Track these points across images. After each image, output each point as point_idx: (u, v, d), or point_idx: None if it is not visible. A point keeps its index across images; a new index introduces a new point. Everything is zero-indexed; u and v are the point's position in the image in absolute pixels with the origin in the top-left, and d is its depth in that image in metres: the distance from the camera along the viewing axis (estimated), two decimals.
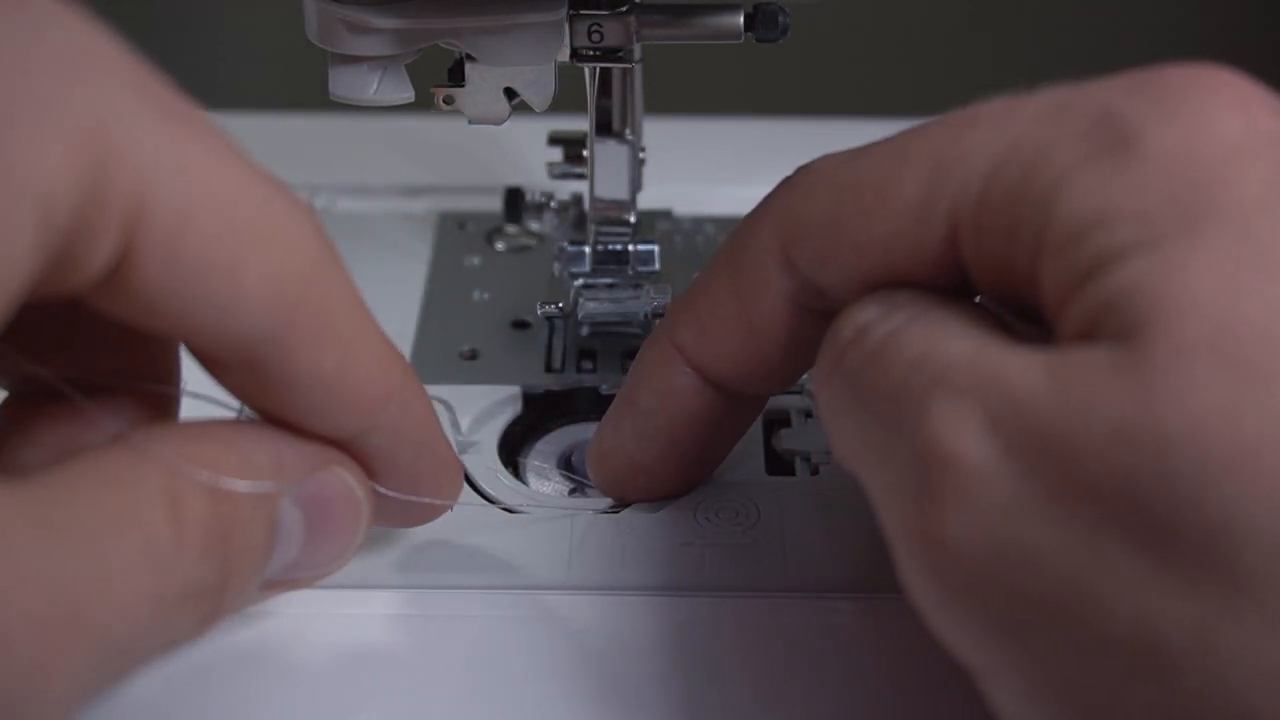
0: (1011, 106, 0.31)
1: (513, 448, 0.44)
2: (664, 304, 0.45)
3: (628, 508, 0.40)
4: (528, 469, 0.43)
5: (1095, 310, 0.28)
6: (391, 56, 0.40)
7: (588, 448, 0.40)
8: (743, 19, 0.41)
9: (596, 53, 0.41)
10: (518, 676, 0.35)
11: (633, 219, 0.47)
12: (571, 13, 0.41)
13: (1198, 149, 0.29)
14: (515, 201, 0.50)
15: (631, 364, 0.39)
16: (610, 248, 0.47)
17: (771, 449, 0.43)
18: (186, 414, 0.34)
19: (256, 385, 0.32)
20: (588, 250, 0.47)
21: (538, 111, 0.41)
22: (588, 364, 0.46)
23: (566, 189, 0.50)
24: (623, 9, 0.41)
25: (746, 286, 0.36)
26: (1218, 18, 1.14)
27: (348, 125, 0.58)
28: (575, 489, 0.42)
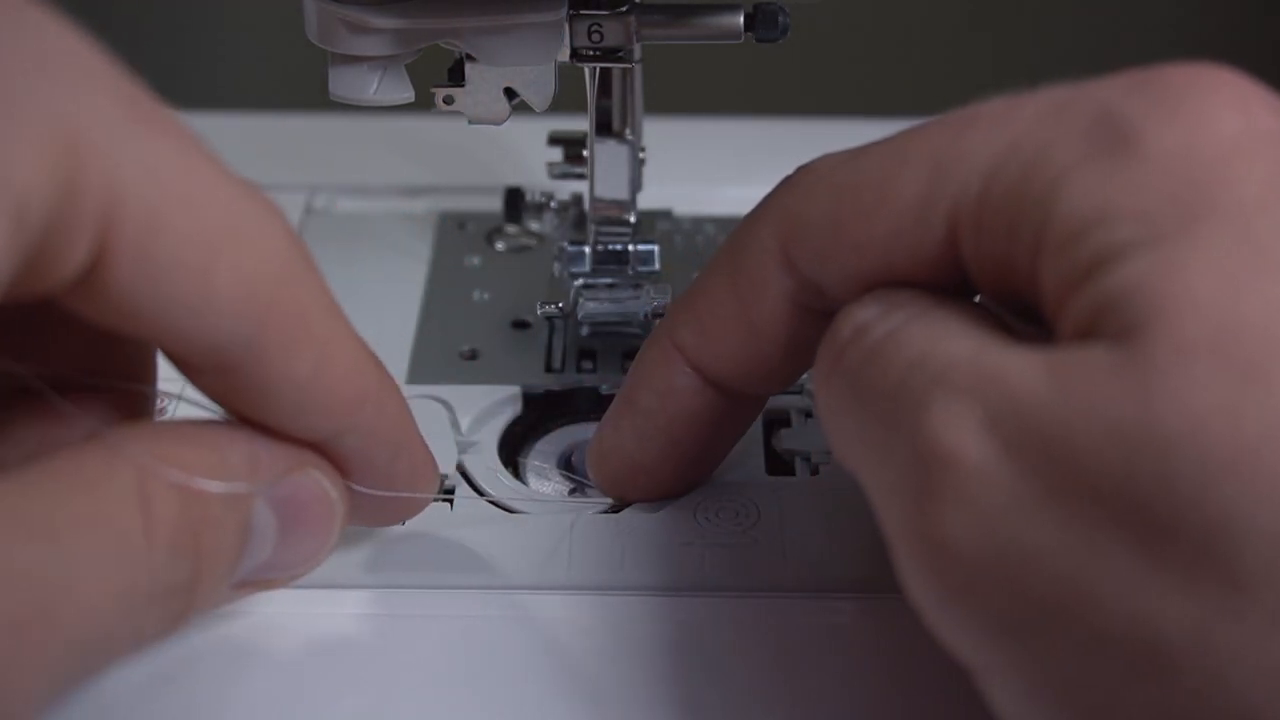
0: (1011, 106, 0.31)
1: (513, 448, 0.44)
2: (664, 304, 0.45)
3: (628, 508, 0.40)
4: (528, 469, 0.43)
5: (1095, 309, 0.28)
6: (391, 56, 0.40)
7: (588, 448, 0.40)
8: (743, 19, 0.41)
9: (596, 53, 0.41)
10: (517, 677, 0.35)
11: (633, 219, 0.47)
12: (571, 13, 0.41)
13: (1198, 148, 0.29)
14: (515, 201, 0.50)
15: (631, 364, 0.39)
16: (610, 248, 0.47)
17: (771, 449, 0.43)
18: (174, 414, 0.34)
19: (231, 388, 0.32)
20: (588, 250, 0.47)
21: (538, 111, 0.41)
22: (588, 364, 0.46)
23: (566, 189, 0.50)
24: (623, 9, 0.41)
25: (746, 286, 0.36)
26: (1218, 18, 1.14)
27: (348, 125, 0.58)
28: (575, 489, 0.42)
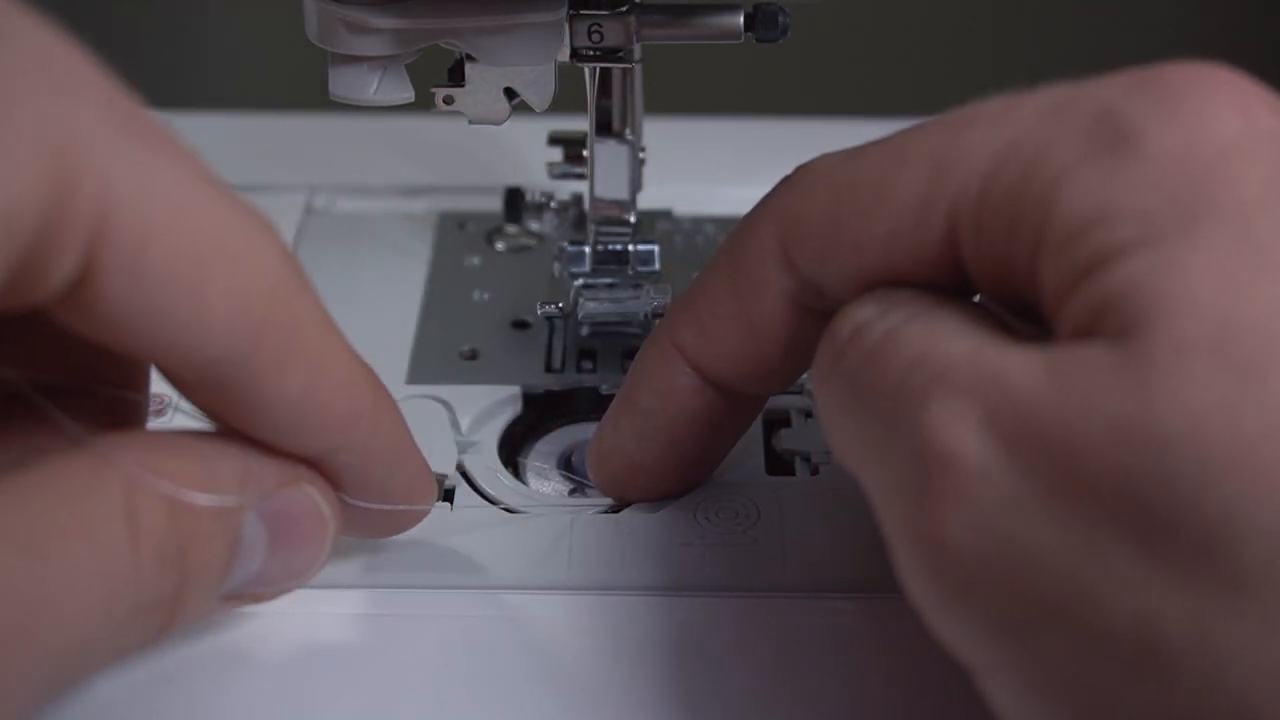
0: (1011, 105, 0.31)
1: (513, 448, 0.44)
2: (664, 304, 0.45)
3: (628, 508, 0.40)
4: (528, 469, 0.43)
5: (1094, 308, 0.28)
6: (391, 56, 0.40)
7: (588, 448, 0.40)
8: (743, 19, 0.41)
9: (596, 53, 0.41)
10: (517, 677, 0.35)
11: (633, 219, 0.47)
12: (571, 13, 0.41)
13: (1198, 148, 0.29)
14: (515, 201, 0.50)
15: (631, 364, 0.39)
16: (610, 248, 0.47)
17: (771, 449, 0.43)
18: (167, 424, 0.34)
19: (223, 403, 0.32)
20: (588, 250, 0.47)
21: (538, 111, 0.41)
22: (588, 364, 0.46)
23: (566, 189, 0.50)
24: (623, 9, 0.41)
25: (746, 286, 0.36)
26: (1218, 18, 1.14)
27: (348, 125, 0.58)
28: (575, 489, 0.42)
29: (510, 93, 0.41)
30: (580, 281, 0.46)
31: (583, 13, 0.41)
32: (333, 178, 0.55)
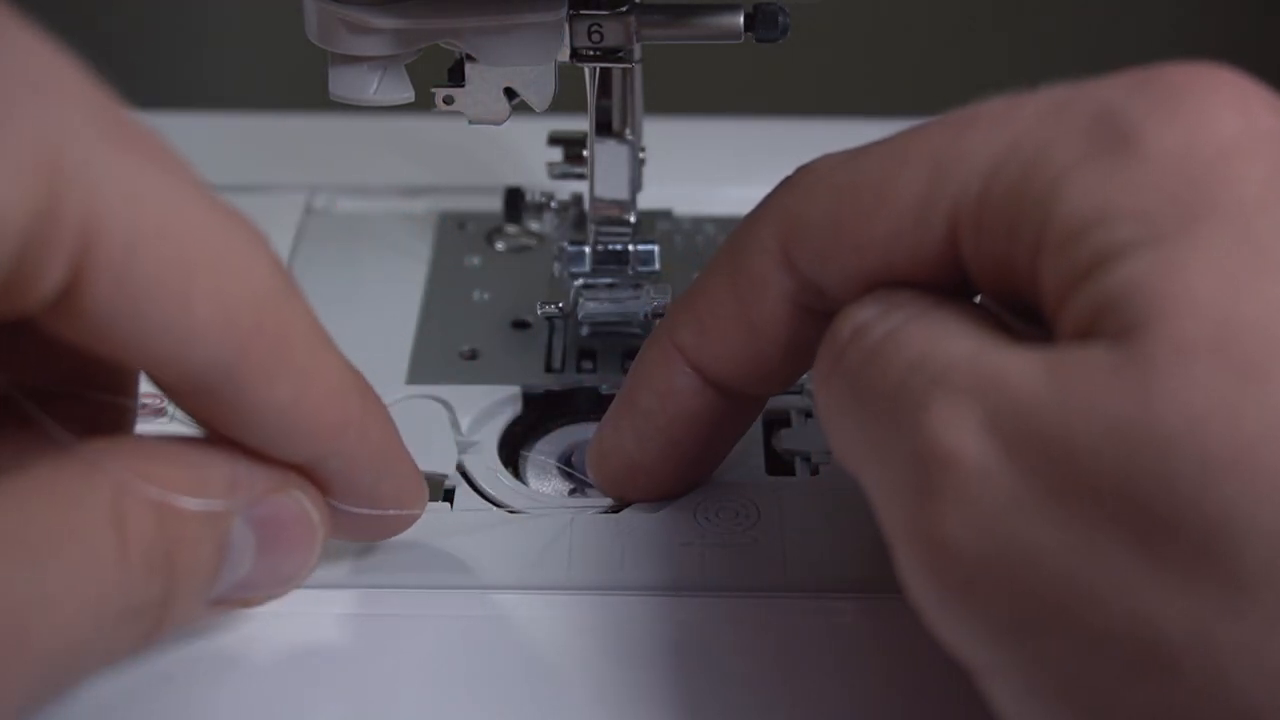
0: (1011, 105, 0.31)
1: (513, 448, 0.44)
2: (664, 304, 0.45)
3: (628, 508, 0.40)
4: (528, 461, 0.43)
5: (1095, 309, 0.28)
6: (391, 56, 0.40)
7: (588, 448, 0.40)
8: (743, 19, 0.41)
9: (596, 53, 0.41)
10: (517, 677, 0.35)
11: (633, 219, 0.47)
12: (571, 13, 0.41)
13: (1198, 148, 0.29)
14: (515, 201, 0.50)
15: (631, 364, 0.39)
16: (610, 248, 0.47)
17: (771, 449, 0.43)
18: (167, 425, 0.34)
19: (212, 410, 0.32)
20: (588, 250, 0.47)
21: (538, 111, 0.41)
22: (588, 364, 0.46)
23: (566, 189, 0.50)
24: (623, 9, 0.41)
25: (746, 287, 0.36)
26: (1218, 18, 1.14)
27: (348, 125, 0.58)
28: (575, 489, 0.42)
29: (510, 93, 0.41)
30: (580, 281, 0.46)
31: (583, 13, 0.41)
32: (333, 178, 0.55)
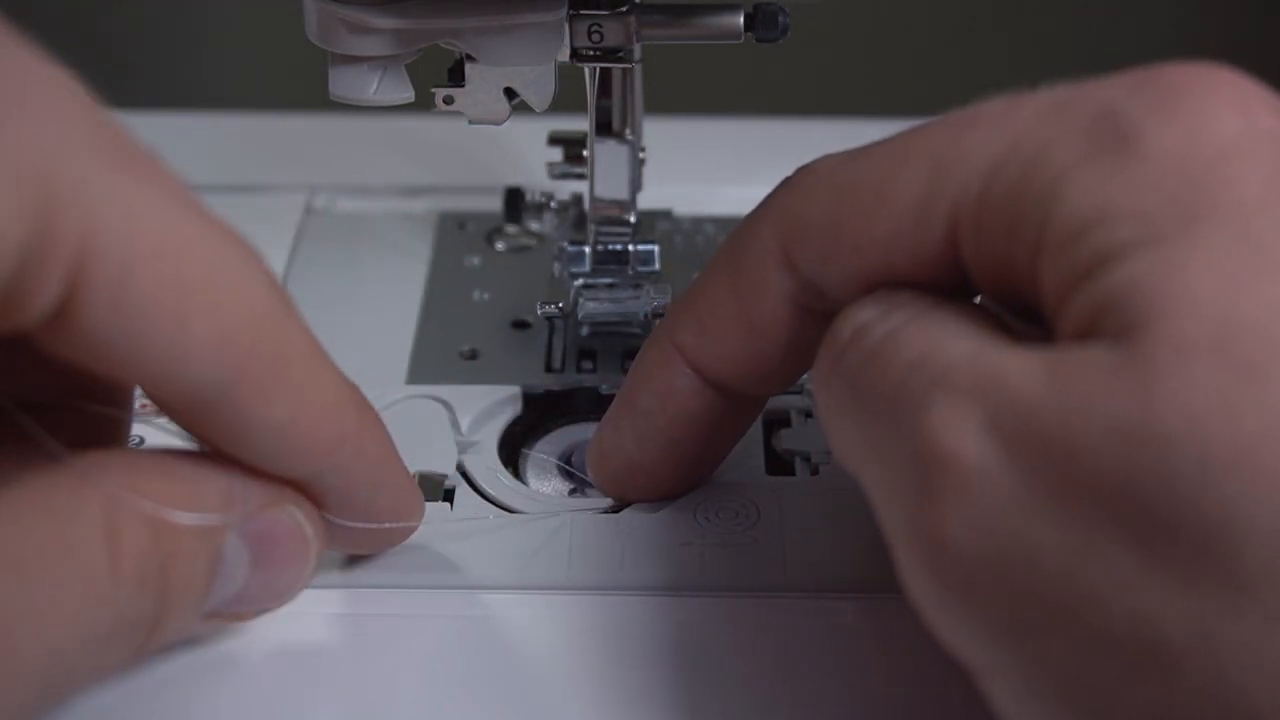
0: (1012, 105, 0.31)
1: (513, 448, 0.44)
2: (664, 304, 0.45)
3: (628, 508, 0.40)
4: (528, 460, 0.43)
5: (1095, 309, 0.28)
6: (391, 56, 0.40)
7: (588, 448, 0.40)
8: (743, 19, 0.41)
9: (596, 53, 0.41)
10: (517, 677, 0.35)
11: (633, 219, 0.47)
12: (571, 13, 0.41)
13: (1198, 148, 0.29)
14: (515, 201, 0.50)
15: (631, 364, 0.39)
16: (610, 248, 0.47)
17: (771, 449, 0.43)
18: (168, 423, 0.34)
19: (208, 427, 0.32)
20: (588, 250, 0.47)
21: (538, 111, 0.41)
22: (588, 364, 0.46)
23: (566, 189, 0.50)
24: (623, 9, 0.41)
25: (746, 287, 0.36)
26: (1218, 18, 1.14)
27: (348, 125, 0.58)
28: (575, 489, 0.42)
29: (510, 93, 0.41)
30: (580, 281, 0.46)
31: (583, 13, 0.41)
32: (333, 178, 0.55)
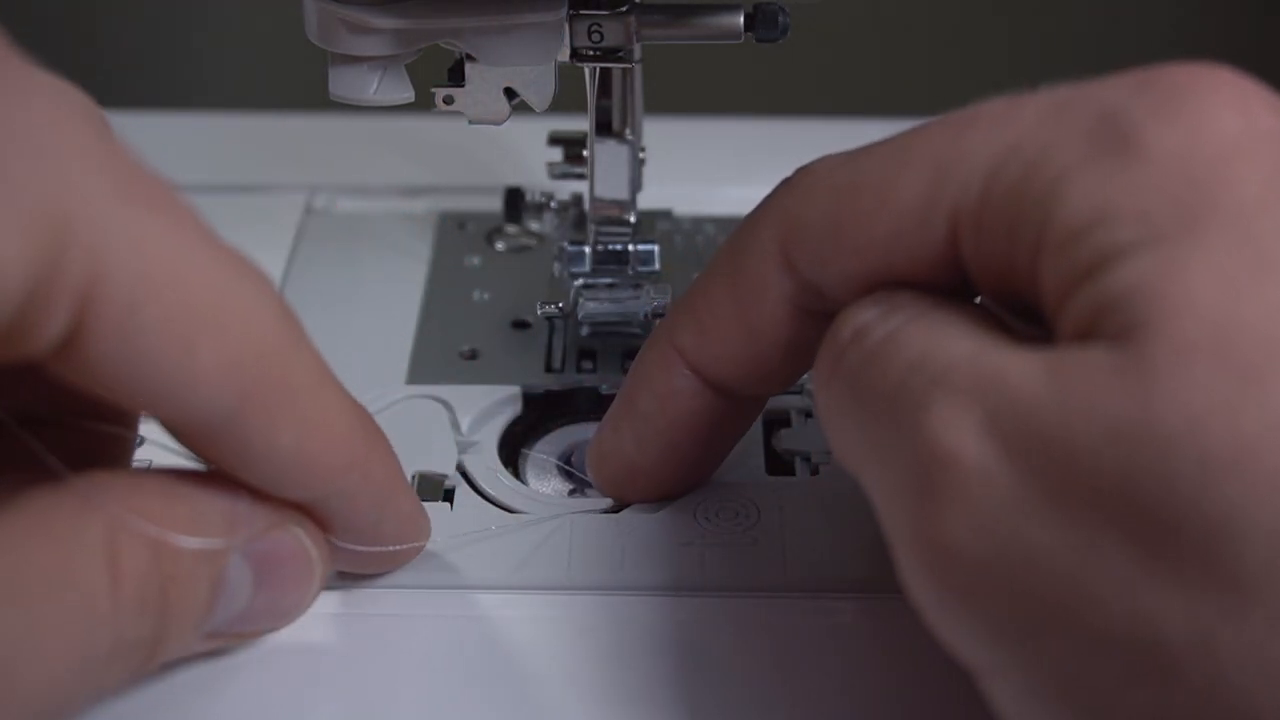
0: (1012, 106, 0.31)
1: (513, 448, 0.44)
2: (664, 304, 0.45)
3: (628, 508, 0.40)
4: (529, 460, 0.43)
5: (1095, 309, 0.28)
6: (391, 56, 0.40)
7: (587, 449, 0.40)
8: (743, 19, 0.41)
9: (596, 53, 0.41)
10: (517, 677, 0.35)
11: (633, 219, 0.47)
12: (571, 13, 0.41)
13: (1198, 149, 0.29)
14: (515, 201, 0.50)
15: (631, 365, 0.39)
16: (610, 248, 0.47)
17: (771, 449, 0.43)
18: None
19: (214, 452, 0.32)
20: (588, 250, 0.47)
21: (538, 111, 0.41)
22: (588, 364, 0.46)
23: (566, 189, 0.50)
24: (623, 9, 0.41)
25: (746, 288, 0.36)
26: (1218, 18, 1.14)
27: (348, 125, 0.58)
28: (575, 489, 0.42)
29: (510, 93, 0.41)
30: (580, 281, 0.46)
31: (583, 13, 0.41)
32: (333, 178, 0.55)
